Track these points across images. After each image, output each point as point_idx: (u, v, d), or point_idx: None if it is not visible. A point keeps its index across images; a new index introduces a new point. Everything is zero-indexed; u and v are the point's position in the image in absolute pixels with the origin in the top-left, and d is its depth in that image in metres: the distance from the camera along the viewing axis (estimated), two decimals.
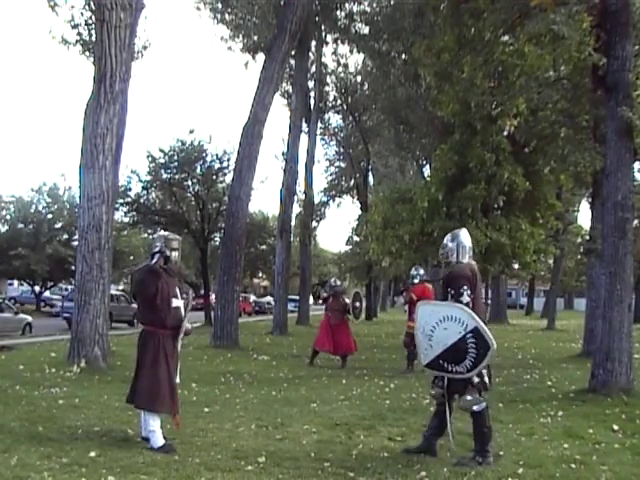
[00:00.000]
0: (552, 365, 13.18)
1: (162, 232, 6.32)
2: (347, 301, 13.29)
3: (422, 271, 12.23)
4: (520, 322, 35.96)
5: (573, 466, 5.19)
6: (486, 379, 5.32)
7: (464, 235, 5.76)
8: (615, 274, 8.71)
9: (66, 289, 39.61)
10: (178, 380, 5.86)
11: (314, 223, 40.24)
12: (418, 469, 5.02)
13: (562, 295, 54.68)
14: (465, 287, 5.33)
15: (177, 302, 5.76)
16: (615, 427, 6.63)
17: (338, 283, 13.74)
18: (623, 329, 8.66)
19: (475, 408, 5.26)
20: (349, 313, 13.20)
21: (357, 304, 13.65)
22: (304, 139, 28.66)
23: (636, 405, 7.81)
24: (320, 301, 14.09)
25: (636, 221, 15.97)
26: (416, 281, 11.89)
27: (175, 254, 5.87)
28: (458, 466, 5.11)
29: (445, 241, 5.77)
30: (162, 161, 27.12)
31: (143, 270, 5.82)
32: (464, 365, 5.11)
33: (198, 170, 27.43)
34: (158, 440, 5.48)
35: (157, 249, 5.77)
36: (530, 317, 44.37)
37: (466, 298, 5.28)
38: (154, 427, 5.52)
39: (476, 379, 5.24)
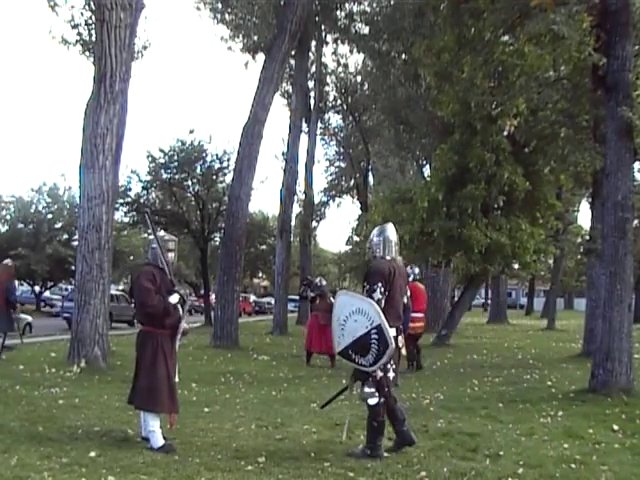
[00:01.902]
0: (552, 365, 13.17)
1: (159, 233, 6.26)
2: (333, 300, 13.24)
3: (417, 270, 12.41)
4: (520, 322, 35.95)
5: (573, 466, 5.18)
6: (390, 374, 5.49)
7: (391, 230, 5.80)
8: (615, 274, 8.71)
9: (66, 289, 39.61)
10: (177, 379, 5.84)
11: (314, 223, 40.24)
12: (418, 469, 5.02)
13: (562, 295, 54.68)
14: (379, 284, 5.38)
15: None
16: (615, 427, 6.63)
17: (324, 283, 13.63)
18: (623, 329, 8.65)
19: (370, 401, 5.42)
20: None
21: None
22: (304, 139, 28.68)
23: (636, 405, 7.80)
24: (308, 301, 13.95)
25: (636, 221, 15.97)
26: (410, 279, 12.06)
27: (171, 255, 5.85)
28: (349, 457, 5.31)
29: (371, 235, 5.83)
30: (162, 161, 27.13)
31: (138, 277, 5.75)
32: (367, 359, 5.29)
33: (198, 170, 27.44)
34: (158, 440, 5.47)
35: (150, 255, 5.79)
36: (530, 317, 44.36)
37: (377, 295, 5.35)
38: (154, 427, 5.52)
39: (380, 374, 5.39)
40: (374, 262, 5.65)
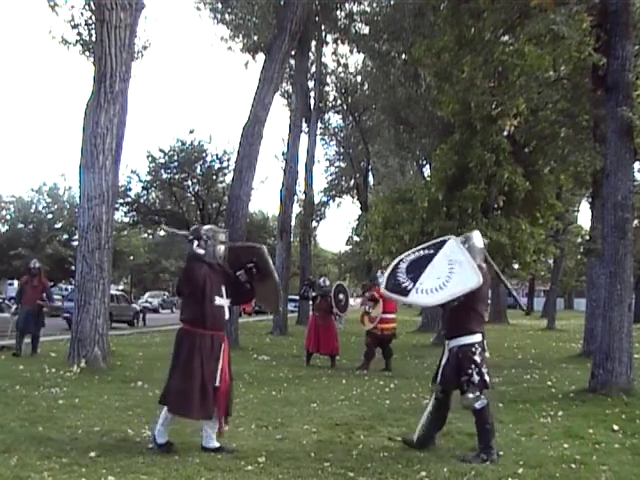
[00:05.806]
0: (552, 365, 13.17)
1: (209, 225, 6.02)
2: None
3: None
4: (520, 322, 35.96)
5: (573, 466, 5.18)
6: (487, 377, 5.43)
7: (476, 237, 5.82)
8: (615, 274, 8.71)
9: (66, 289, 39.64)
10: (217, 383, 5.34)
11: (314, 223, 40.28)
12: (418, 469, 5.02)
13: (562, 295, 54.65)
14: None
15: (221, 300, 5.41)
16: (615, 427, 6.63)
17: (327, 283, 13.55)
18: (623, 329, 8.65)
19: (476, 406, 5.36)
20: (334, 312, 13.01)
21: (341, 296, 13.06)
22: (304, 139, 28.68)
23: (636, 405, 7.81)
24: (310, 302, 13.79)
25: (636, 221, 15.96)
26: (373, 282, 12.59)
27: (222, 248, 5.56)
28: (464, 462, 5.19)
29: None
30: (162, 161, 27.19)
31: (188, 258, 5.46)
32: (404, 279, 5.52)
33: (198, 170, 27.49)
34: (162, 437, 5.40)
35: (193, 236, 5.43)
36: (530, 317, 44.33)
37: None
38: (164, 425, 5.40)
39: (476, 377, 5.36)
40: None
